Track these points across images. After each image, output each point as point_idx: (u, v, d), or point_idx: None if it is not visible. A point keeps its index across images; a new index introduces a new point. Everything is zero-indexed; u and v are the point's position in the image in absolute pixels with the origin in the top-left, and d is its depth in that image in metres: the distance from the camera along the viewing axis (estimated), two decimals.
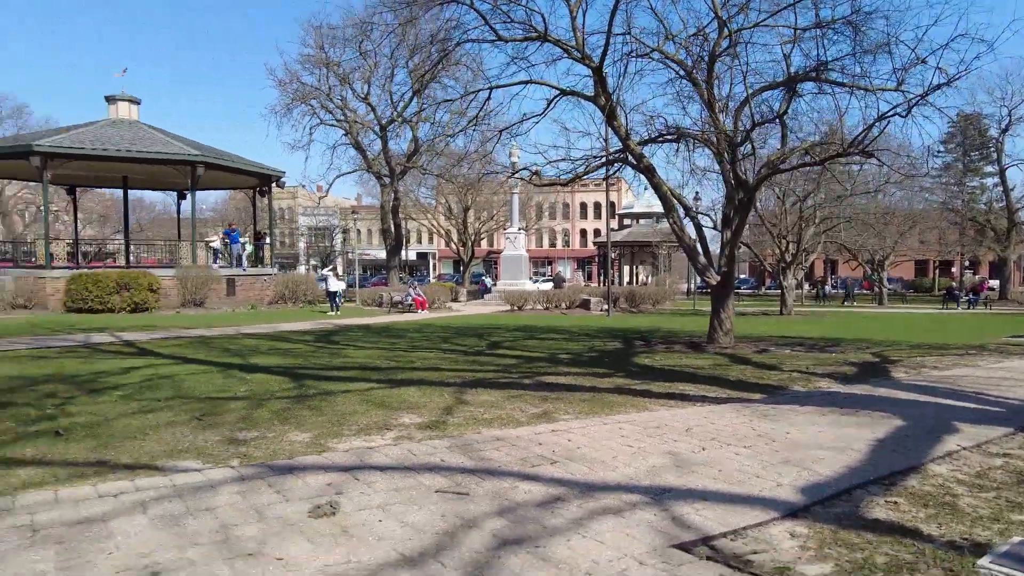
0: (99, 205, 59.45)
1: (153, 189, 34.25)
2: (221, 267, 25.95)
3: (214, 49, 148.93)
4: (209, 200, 75.88)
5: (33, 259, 26.09)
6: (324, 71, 33.08)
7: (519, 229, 36.56)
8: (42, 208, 41.48)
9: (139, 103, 27.55)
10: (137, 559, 3.23)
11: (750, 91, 12.57)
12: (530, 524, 3.76)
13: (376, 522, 3.76)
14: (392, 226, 35.44)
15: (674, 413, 6.81)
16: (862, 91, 11.11)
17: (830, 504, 4.19)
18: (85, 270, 22.50)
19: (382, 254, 51.04)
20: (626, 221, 54.07)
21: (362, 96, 33.70)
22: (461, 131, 20.00)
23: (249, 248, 27.38)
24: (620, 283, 43.61)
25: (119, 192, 33.78)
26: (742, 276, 63.54)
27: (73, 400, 7.02)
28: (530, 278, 38.87)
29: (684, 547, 3.52)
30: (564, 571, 3.21)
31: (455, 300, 34.24)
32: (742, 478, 4.64)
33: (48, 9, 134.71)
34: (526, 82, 12.85)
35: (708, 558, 3.43)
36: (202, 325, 17.31)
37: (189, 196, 27.22)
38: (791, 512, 4.03)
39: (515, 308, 28.35)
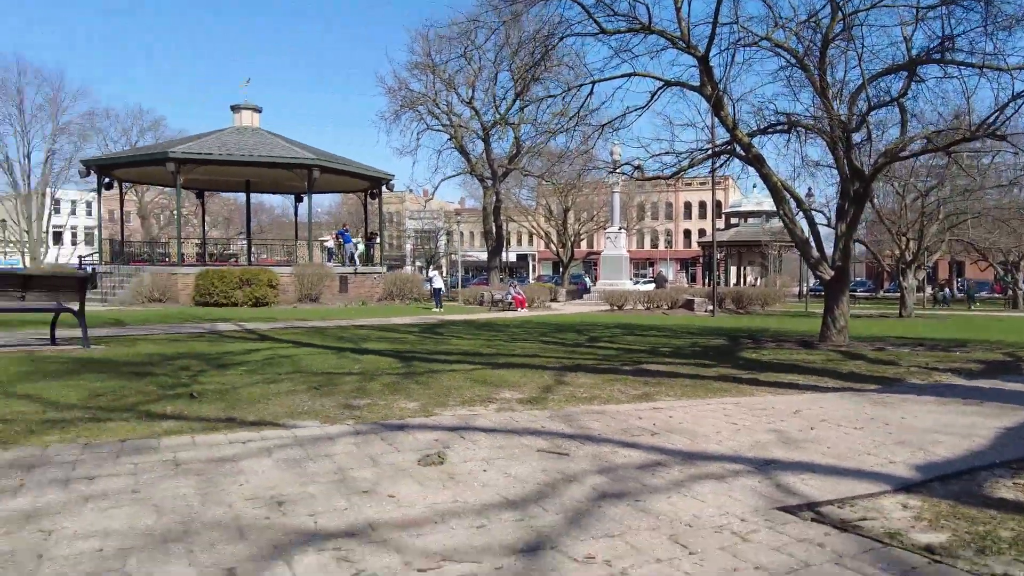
0: (224, 209, 63.81)
1: (273, 192, 36.48)
2: (334, 265, 27.26)
3: (329, 59, 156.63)
4: (324, 203, 79.90)
5: (167, 258, 28.37)
6: (431, 77, 34.14)
7: (619, 228, 36.27)
8: (175, 212, 45.04)
9: (260, 111, 29.42)
10: (264, 491, 3.53)
11: (866, 77, 11.98)
12: (630, 482, 3.81)
13: (480, 472, 3.92)
14: (493, 228, 36.03)
15: (781, 399, 6.63)
16: (994, 71, 10.37)
17: (948, 482, 3.99)
18: (212, 267, 24.24)
19: (483, 255, 51.82)
20: (733, 220, 52.40)
21: (466, 100, 34.53)
22: (563, 130, 20.08)
23: (360, 248, 28.65)
24: (726, 284, 42.33)
25: (242, 196, 36.15)
26: (859, 278, 60.19)
27: (204, 373, 7.65)
28: (631, 279, 38.43)
29: (788, 509, 3.46)
30: (664, 521, 3.24)
31: (554, 300, 34.35)
32: (851, 455, 4.48)
33: (181, 28, 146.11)
34: (629, 75, 12.80)
35: (813, 520, 3.36)
36: (317, 318, 18.31)
37: (305, 199, 28.84)
38: (904, 486, 3.87)
39: (615, 308, 28.16)
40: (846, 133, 12.12)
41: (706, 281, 48.48)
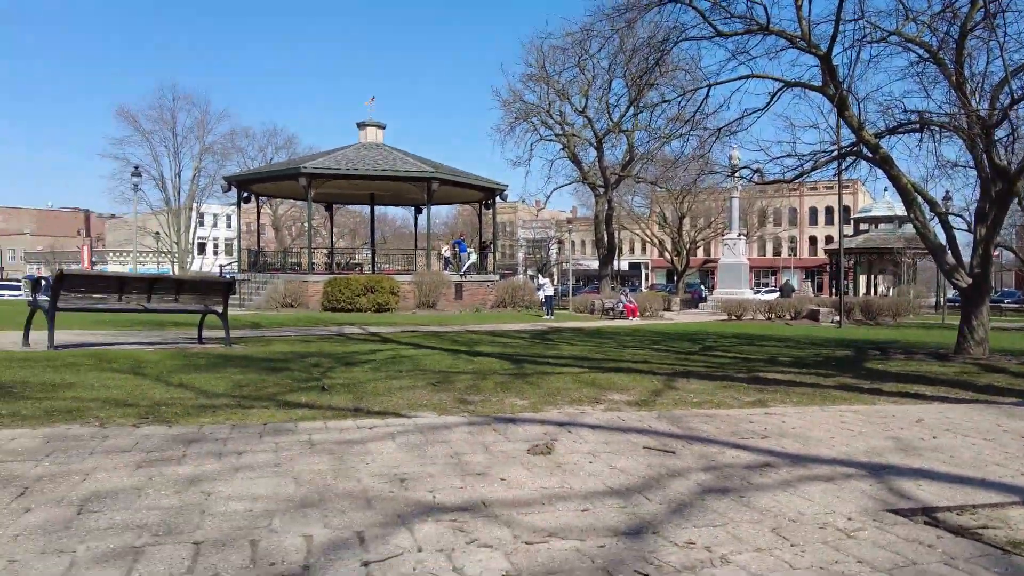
0: (350, 220, 67.40)
1: (395, 204, 38.22)
2: (450, 274, 28.20)
3: (447, 75, 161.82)
4: (441, 214, 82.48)
5: (298, 267, 30.35)
6: (544, 88, 34.69)
7: (738, 235, 35.23)
8: (306, 223, 47.93)
9: (384, 127, 30.96)
10: (388, 469, 3.87)
11: (1009, 69, 11.14)
12: (735, 480, 3.85)
13: (587, 463, 4.09)
14: (605, 236, 35.98)
15: (904, 408, 6.34)
16: None
17: None
18: (339, 276, 25.72)
19: (595, 264, 51.62)
20: (862, 226, 49.42)
21: (579, 109, 34.79)
22: (678, 135, 19.86)
23: (473, 257, 29.44)
24: (855, 294, 40.01)
25: (367, 209, 38.17)
26: (1006, 288, 55.11)
27: (333, 369, 8.25)
28: (750, 288, 37.18)
29: (899, 512, 3.40)
30: (768, 516, 3.28)
31: (667, 309, 33.80)
32: (977, 464, 4.29)
33: (312, 52, 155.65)
34: (747, 77, 12.55)
35: (926, 523, 3.29)
36: (434, 323, 19.07)
37: (424, 210, 30.03)
38: None
39: (732, 317, 27.37)
40: (986, 130, 11.31)
41: (833, 291, 46.00)
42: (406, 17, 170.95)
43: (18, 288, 45.40)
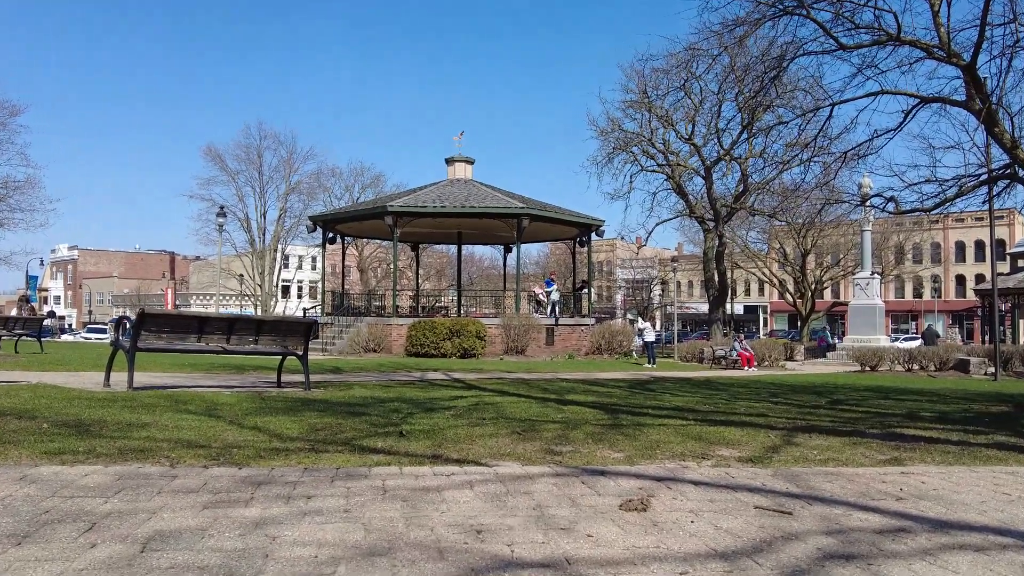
0: (436, 261, 69.12)
1: (483, 243, 38.93)
2: (541, 317, 28.26)
3: (538, 107, 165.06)
4: (531, 253, 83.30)
5: (382, 310, 31.30)
6: (646, 115, 34.76)
7: (871, 274, 33.66)
8: (391, 264, 49.47)
9: (473, 162, 31.78)
10: (464, 519, 3.84)
11: None
12: (863, 545, 3.59)
13: (687, 522, 3.92)
14: (716, 275, 35.20)
15: None
16: None
17: None
18: (423, 319, 26.30)
19: (703, 307, 50.49)
20: (1020, 262, 46.17)
21: (685, 136, 34.59)
22: (798, 161, 19.33)
23: (555, 295, 29.14)
24: (1013, 341, 37.17)
25: (453, 249, 39.03)
26: None
27: (413, 415, 8.37)
28: (886, 335, 35.32)
29: None
30: None
31: (789, 358, 32.57)
32: None
33: (400, 86, 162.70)
34: (876, 93, 12.12)
35: None
36: (522, 370, 19.11)
37: (514, 249, 30.39)
38: None
39: (865, 368, 26.01)
40: None
41: (986, 338, 42.98)
42: (496, 50, 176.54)
43: (105, 331, 48.88)
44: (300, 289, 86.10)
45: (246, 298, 64.66)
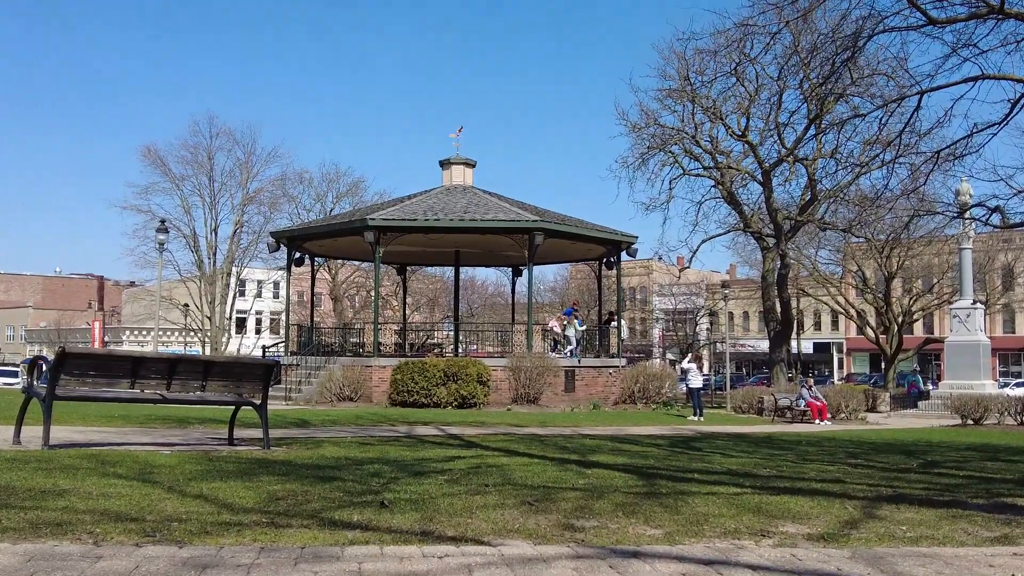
0: (428, 287, 69.40)
1: (486, 265, 39.12)
2: (558, 357, 28.25)
3: (551, 101, 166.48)
4: (547, 277, 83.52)
5: (361, 348, 31.37)
6: (689, 107, 34.95)
7: (973, 302, 33.56)
8: (372, 292, 49.52)
9: (474, 166, 32.00)
10: None
11: None
12: None
13: None
14: (777, 305, 35.16)
15: None
16: None
17: None
18: (411, 359, 26.34)
19: (763, 344, 50.35)
20: None
21: (738, 133, 34.77)
22: (879, 163, 19.34)
23: (574, 330, 28.92)
24: None
25: (450, 272, 39.17)
26: None
27: (397, 480, 8.35)
28: (994, 380, 35.14)
29: None
30: None
31: (872, 409, 32.44)
32: None
33: (379, 83, 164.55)
34: (975, 78, 12.21)
35: None
36: (535, 423, 19.09)
37: (525, 272, 30.48)
38: None
39: (967, 421, 25.88)
40: None
41: None
42: (501, 28, 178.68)
43: (16, 375, 48.90)
44: (259, 322, 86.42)
45: (192, 333, 64.88)
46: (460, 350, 33.22)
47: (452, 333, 35.58)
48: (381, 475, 8.74)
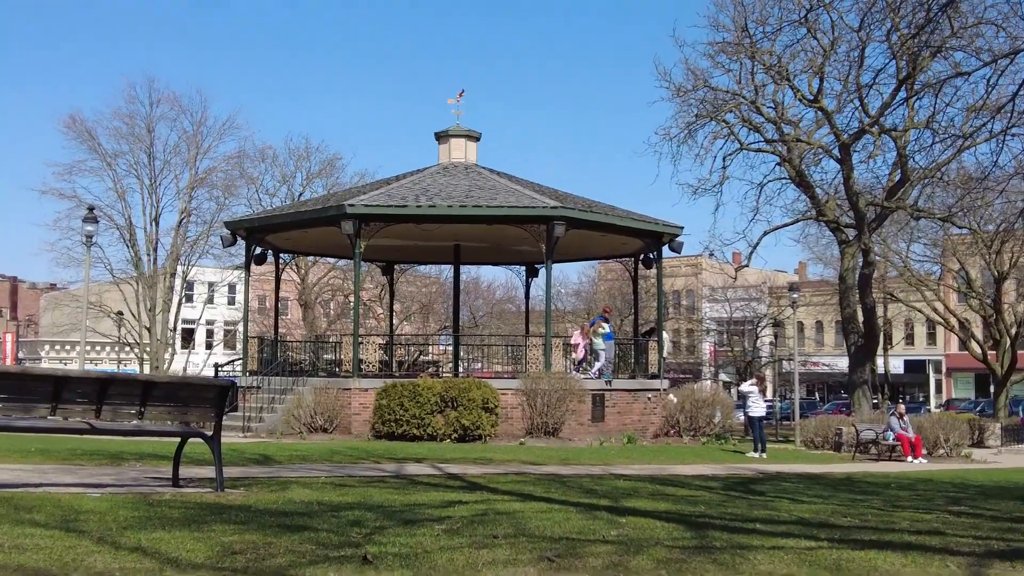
0: (421, 292, 69.39)
1: (494, 263, 39.08)
2: (583, 378, 28.12)
3: (571, 63, 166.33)
4: (569, 278, 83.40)
5: (337, 367, 31.38)
6: (747, 64, 34.82)
7: None
8: (350, 297, 49.43)
9: (478, 139, 31.99)
10: None
11: None
12: None
13: None
14: (859, 313, 35.03)
15: None
16: None
17: None
18: (400, 380, 26.32)
19: (841, 362, 50.25)
20: None
21: (810, 98, 34.61)
22: (987, 135, 19.26)
23: (603, 343, 28.68)
24: None
25: (448, 271, 39.08)
26: None
27: (383, 531, 8.36)
28: None
29: None
30: None
31: (978, 444, 32.27)
32: None
33: (359, 36, 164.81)
34: None
35: None
36: (555, 460, 19.08)
37: (542, 271, 30.45)
38: None
39: None
40: None
41: None
42: None
43: None
44: (210, 334, 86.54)
45: (127, 348, 65.08)
46: (461, 369, 33.17)
47: (451, 348, 35.57)
48: (363, 524, 8.74)
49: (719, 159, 36.06)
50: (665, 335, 33.98)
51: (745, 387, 27.91)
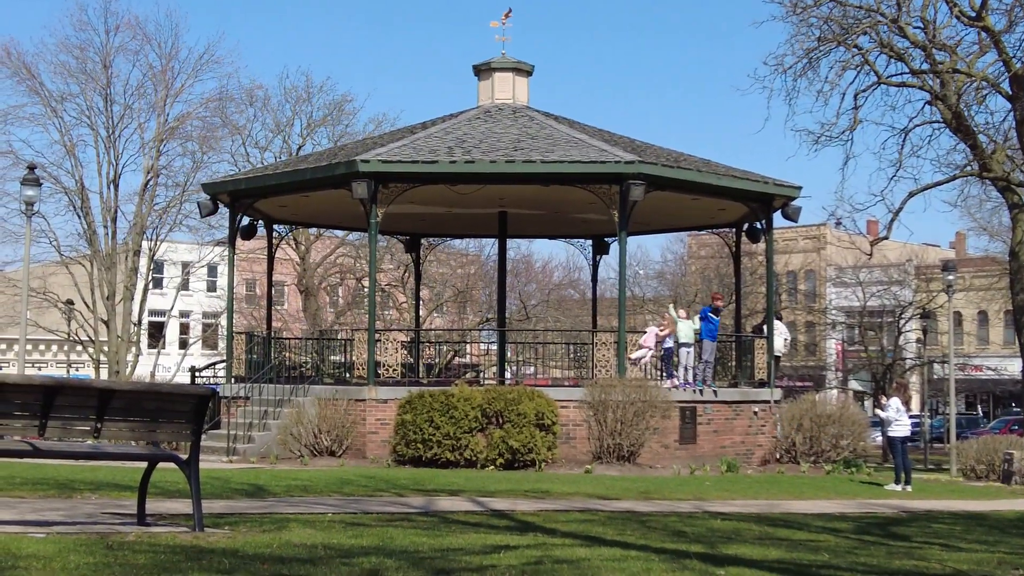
0: (455, 273, 69.20)
1: (551, 236, 38.97)
2: (670, 388, 27.89)
3: None
4: (651, 255, 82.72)
5: (347, 371, 31.56)
6: None
7: None
8: (363, 281, 49.33)
9: (530, 73, 31.95)
10: None
11: None
12: None
13: None
14: None
15: None
16: None
17: None
18: (428, 389, 26.36)
19: (1012, 365, 49.80)
20: None
21: (972, 13, 34.13)
22: None
23: (693, 324, 28.33)
24: None
25: (490, 248, 38.82)
26: None
27: None
28: None
29: None
30: None
31: None
32: None
33: None
34: None
35: None
36: (632, 494, 19.03)
37: (614, 247, 30.30)
38: None
39: None
40: None
41: None
42: None
43: None
44: (185, 329, 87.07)
45: (80, 347, 65.54)
46: (508, 374, 33.23)
47: (495, 347, 35.60)
48: (382, 574, 8.80)
49: (849, 97, 35.78)
50: (782, 328, 33.23)
51: (886, 401, 27.24)
